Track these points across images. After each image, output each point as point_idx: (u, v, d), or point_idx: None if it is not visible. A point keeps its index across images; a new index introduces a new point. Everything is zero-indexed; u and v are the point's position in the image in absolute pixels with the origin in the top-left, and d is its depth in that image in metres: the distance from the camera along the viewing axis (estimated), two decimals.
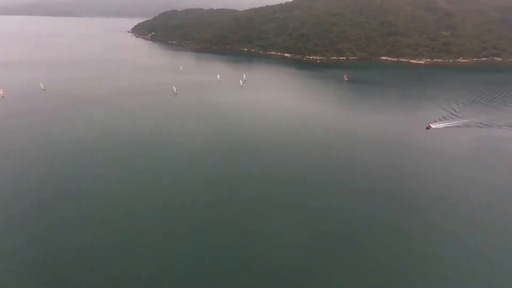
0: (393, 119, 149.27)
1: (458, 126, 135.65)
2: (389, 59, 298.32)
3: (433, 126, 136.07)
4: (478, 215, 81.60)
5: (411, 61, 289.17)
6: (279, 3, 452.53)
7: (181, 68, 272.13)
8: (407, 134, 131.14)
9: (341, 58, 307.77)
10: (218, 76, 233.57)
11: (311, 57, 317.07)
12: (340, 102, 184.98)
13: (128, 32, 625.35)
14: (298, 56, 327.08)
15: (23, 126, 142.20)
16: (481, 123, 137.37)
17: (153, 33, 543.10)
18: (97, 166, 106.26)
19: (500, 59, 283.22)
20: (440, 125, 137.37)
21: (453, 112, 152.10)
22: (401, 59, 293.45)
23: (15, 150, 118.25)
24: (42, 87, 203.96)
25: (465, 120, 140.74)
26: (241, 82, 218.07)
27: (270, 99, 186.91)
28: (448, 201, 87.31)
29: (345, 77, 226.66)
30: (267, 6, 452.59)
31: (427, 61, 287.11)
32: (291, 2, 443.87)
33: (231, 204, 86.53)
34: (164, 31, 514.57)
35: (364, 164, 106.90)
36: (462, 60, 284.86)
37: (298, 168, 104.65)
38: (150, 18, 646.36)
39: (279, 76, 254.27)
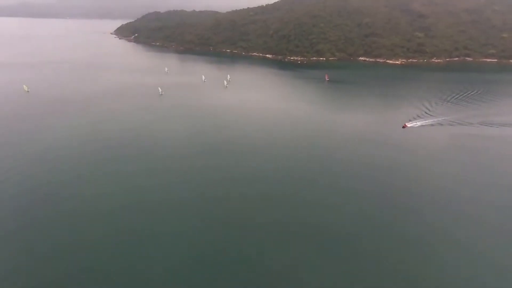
0: (372, 119, 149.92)
1: (432, 125, 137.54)
2: (367, 59, 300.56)
3: (408, 125, 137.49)
4: (461, 211, 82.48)
5: (388, 61, 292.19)
6: (260, 5, 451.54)
7: (166, 69, 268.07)
8: (385, 134, 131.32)
9: (321, 58, 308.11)
10: (203, 77, 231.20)
11: (292, 58, 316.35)
12: (323, 102, 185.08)
13: (111, 33, 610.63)
14: (279, 57, 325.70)
15: (6, 129, 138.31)
16: (454, 121, 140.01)
17: (136, 34, 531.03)
18: (82, 170, 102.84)
19: (471, 59, 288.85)
20: (415, 124, 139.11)
21: (427, 111, 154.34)
22: (378, 60, 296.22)
23: None
24: (26, 89, 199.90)
25: (438, 119, 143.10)
26: (225, 82, 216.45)
27: (254, 99, 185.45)
28: (432, 199, 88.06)
29: (326, 77, 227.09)
30: (248, 8, 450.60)
31: (403, 61, 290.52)
32: (271, 4, 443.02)
33: (219, 205, 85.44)
34: (147, 32, 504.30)
35: (347, 164, 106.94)
36: (436, 60, 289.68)
37: (283, 168, 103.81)
38: (133, 20, 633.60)
39: (262, 77, 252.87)
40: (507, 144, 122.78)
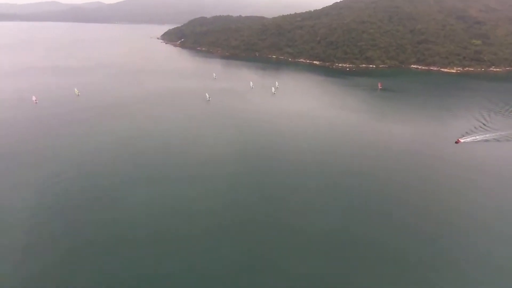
0: (424, 131, 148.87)
1: (487, 140, 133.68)
2: (420, 67, 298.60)
3: (462, 140, 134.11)
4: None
5: (442, 69, 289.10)
6: (307, 10, 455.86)
7: (214, 75, 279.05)
8: (437, 149, 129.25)
9: (371, 66, 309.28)
10: (251, 83, 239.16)
11: (340, 65, 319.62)
12: (375, 112, 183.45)
13: (158, 38, 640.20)
14: (327, 63, 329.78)
15: (53, 133, 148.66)
16: None
17: (182, 39, 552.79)
18: (125, 175, 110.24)
19: None
20: (471, 138, 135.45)
21: (483, 125, 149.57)
22: (431, 68, 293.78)
23: (43, 155, 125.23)
24: (77, 93, 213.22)
25: (497, 134, 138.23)
26: (273, 89, 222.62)
27: (303, 107, 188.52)
28: (485, 221, 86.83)
29: (379, 85, 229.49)
30: (295, 13, 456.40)
31: (459, 70, 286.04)
32: (319, 9, 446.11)
33: (258, 215, 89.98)
34: (193, 37, 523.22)
35: (394, 179, 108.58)
36: (495, 69, 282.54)
37: (328, 181, 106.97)
38: (179, 25, 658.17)
39: (310, 84, 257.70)
40: None
